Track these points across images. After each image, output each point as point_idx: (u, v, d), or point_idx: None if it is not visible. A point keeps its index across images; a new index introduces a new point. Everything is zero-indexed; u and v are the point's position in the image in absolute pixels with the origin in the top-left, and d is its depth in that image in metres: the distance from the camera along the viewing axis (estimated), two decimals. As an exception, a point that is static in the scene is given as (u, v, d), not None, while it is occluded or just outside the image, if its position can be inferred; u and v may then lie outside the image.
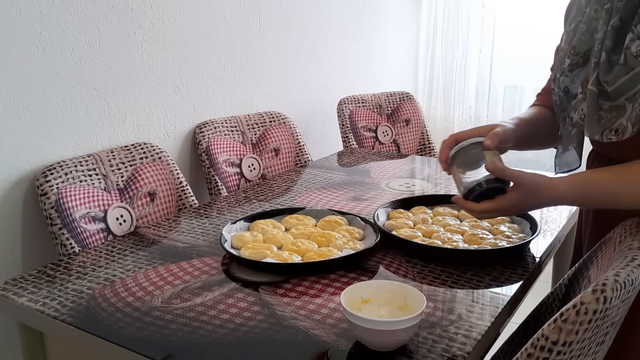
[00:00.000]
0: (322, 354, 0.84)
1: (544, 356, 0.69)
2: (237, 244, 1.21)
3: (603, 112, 0.92)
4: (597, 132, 0.92)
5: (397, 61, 3.12)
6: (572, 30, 1.01)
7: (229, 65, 2.00)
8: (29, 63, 1.39)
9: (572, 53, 0.99)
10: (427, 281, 1.07)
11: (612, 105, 0.91)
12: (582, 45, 0.97)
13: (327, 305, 0.98)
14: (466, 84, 3.17)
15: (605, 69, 0.91)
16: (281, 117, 2.15)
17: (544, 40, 1.27)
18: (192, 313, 0.95)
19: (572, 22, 1.03)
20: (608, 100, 0.91)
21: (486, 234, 1.24)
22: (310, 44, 2.41)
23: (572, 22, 1.03)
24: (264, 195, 1.61)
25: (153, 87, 1.73)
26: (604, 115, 0.91)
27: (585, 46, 0.97)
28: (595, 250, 1.00)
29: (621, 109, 0.90)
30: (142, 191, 1.59)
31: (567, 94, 1.02)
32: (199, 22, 1.85)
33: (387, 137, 2.54)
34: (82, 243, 1.39)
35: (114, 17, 1.58)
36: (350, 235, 1.24)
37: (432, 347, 0.85)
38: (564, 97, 1.03)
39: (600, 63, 0.91)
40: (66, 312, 0.96)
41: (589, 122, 0.94)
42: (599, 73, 0.92)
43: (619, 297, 0.69)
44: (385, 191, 1.64)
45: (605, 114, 0.91)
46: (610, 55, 0.91)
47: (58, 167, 1.43)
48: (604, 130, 0.91)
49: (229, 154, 1.93)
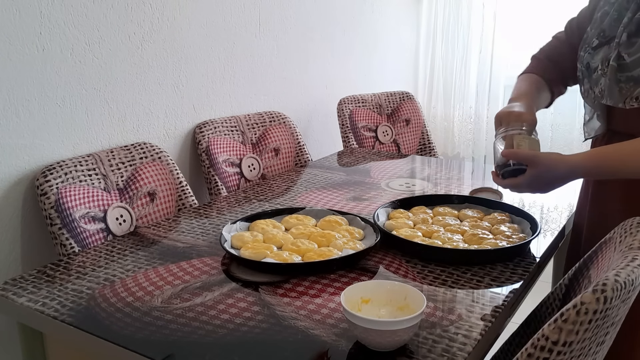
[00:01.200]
0: (322, 354, 0.84)
1: (544, 356, 0.68)
2: (237, 244, 1.20)
3: (622, 84, 1.05)
4: (620, 100, 1.05)
5: (397, 61, 3.12)
6: (598, 17, 1.15)
7: (229, 65, 2.00)
8: (29, 63, 1.39)
9: (601, 35, 1.12)
10: (427, 281, 1.07)
11: (629, 76, 1.04)
12: (611, 29, 1.09)
13: (327, 305, 0.98)
14: (466, 84, 3.17)
15: (626, 45, 1.04)
16: (281, 117, 2.15)
17: (544, 40, 1.28)
18: (192, 313, 0.95)
19: (599, 10, 1.16)
20: (626, 71, 1.04)
21: (486, 234, 1.23)
22: (311, 44, 2.40)
23: (599, 10, 1.16)
24: (264, 195, 1.61)
25: (153, 87, 1.73)
26: (624, 86, 1.04)
27: (614, 31, 1.09)
28: (595, 250, 1.00)
29: (637, 80, 1.03)
30: (142, 191, 1.59)
31: (588, 68, 1.14)
32: (199, 22, 1.85)
33: (387, 137, 2.54)
34: (82, 243, 1.39)
35: (113, 17, 1.58)
36: (350, 235, 1.24)
37: (432, 347, 0.85)
38: (585, 72, 1.16)
39: (620, 42, 1.05)
40: (66, 312, 0.96)
41: (611, 93, 1.07)
42: (620, 50, 1.05)
43: (619, 297, 0.69)
44: (385, 191, 1.64)
45: (624, 84, 1.04)
46: (631, 37, 1.04)
47: (58, 167, 1.43)
48: (626, 98, 1.04)
49: (228, 154, 1.93)
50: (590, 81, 1.14)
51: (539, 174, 1.05)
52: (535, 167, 1.05)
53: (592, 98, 1.15)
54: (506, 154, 1.09)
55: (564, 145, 2.94)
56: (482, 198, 1.43)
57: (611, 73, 1.06)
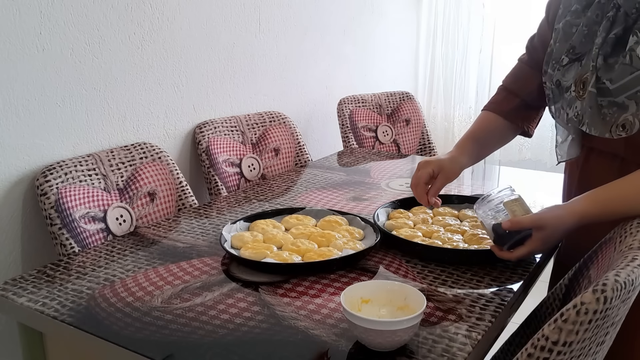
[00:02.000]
0: (322, 354, 0.84)
1: (544, 356, 0.68)
2: (237, 244, 1.20)
3: (605, 110, 0.98)
4: (605, 130, 0.98)
5: (397, 61, 3.12)
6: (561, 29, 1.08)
7: (229, 65, 2.00)
8: (29, 63, 1.39)
9: (571, 52, 1.05)
10: (427, 281, 1.07)
11: (612, 101, 0.97)
12: (582, 46, 1.03)
13: (327, 305, 0.98)
14: (466, 84, 3.17)
15: (605, 70, 0.97)
16: (281, 117, 2.15)
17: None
18: (192, 313, 0.95)
19: (560, 21, 1.09)
20: (608, 96, 0.97)
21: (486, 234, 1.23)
22: (310, 44, 2.40)
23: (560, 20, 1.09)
24: (264, 195, 1.61)
25: (153, 87, 1.73)
26: (606, 112, 0.98)
27: (585, 48, 1.02)
28: (595, 250, 1.00)
29: (621, 106, 0.96)
30: (142, 191, 1.59)
31: (559, 86, 1.08)
32: (199, 22, 1.85)
33: (387, 137, 2.54)
34: (82, 243, 1.39)
35: (113, 17, 1.58)
36: (350, 235, 1.24)
37: (432, 347, 0.85)
38: (556, 90, 1.09)
39: (597, 66, 0.98)
40: (66, 312, 0.96)
41: (593, 121, 0.99)
42: (598, 74, 0.97)
43: (619, 297, 0.69)
44: (385, 191, 1.64)
45: (607, 110, 0.98)
46: (607, 59, 0.98)
47: (58, 167, 1.43)
48: (611, 126, 0.97)
49: (228, 154, 1.93)
50: (562, 101, 1.08)
51: (550, 234, 1.00)
52: (543, 229, 1.00)
53: (564, 119, 1.09)
54: (509, 226, 1.02)
55: (564, 145, 2.93)
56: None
57: (590, 99, 0.99)
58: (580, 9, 1.05)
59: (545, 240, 1.01)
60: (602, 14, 1.00)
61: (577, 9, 1.05)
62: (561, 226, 0.99)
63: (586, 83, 1.00)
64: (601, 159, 1.09)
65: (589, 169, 1.12)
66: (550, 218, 1.00)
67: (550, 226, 0.99)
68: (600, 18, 1.00)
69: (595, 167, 1.11)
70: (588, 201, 0.99)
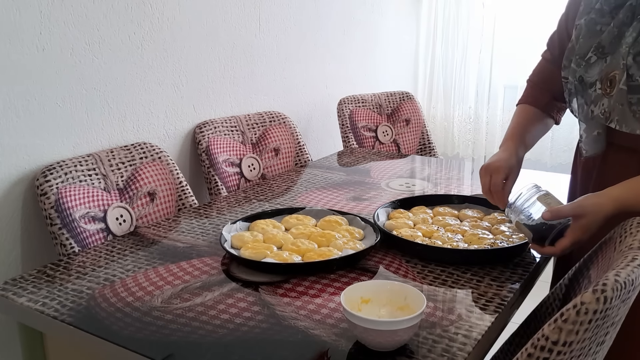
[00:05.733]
0: (322, 354, 0.84)
1: (544, 356, 0.68)
2: (237, 244, 1.20)
3: (634, 107, 1.01)
4: (637, 127, 1.01)
5: (397, 61, 3.12)
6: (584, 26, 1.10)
7: (229, 65, 2.00)
8: (29, 63, 1.39)
9: (599, 51, 1.08)
10: (427, 281, 1.07)
11: None
12: (611, 46, 1.05)
13: (327, 305, 0.98)
14: (466, 84, 3.17)
15: (636, 68, 1.00)
16: (281, 117, 2.15)
17: (544, 40, 1.28)
18: (192, 313, 0.95)
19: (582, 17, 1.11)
20: (638, 93, 1.00)
21: (486, 234, 1.23)
22: (310, 44, 2.40)
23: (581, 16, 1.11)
24: (264, 195, 1.61)
25: (153, 87, 1.73)
26: (636, 109, 1.00)
27: (614, 48, 1.05)
28: (595, 250, 1.00)
29: None
30: (142, 191, 1.59)
31: (582, 82, 1.10)
32: (199, 22, 1.85)
33: (387, 137, 2.54)
34: (82, 243, 1.39)
35: (113, 17, 1.58)
36: (350, 235, 1.24)
37: (432, 347, 0.85)
38: (578, 86, 1.11)
39: (628, 65, 1.01)
40: (66, 312, 0.96)
41: (625, 118, 1.02)
42: (629, 72, 1.01)
43: (619, 297, 0.69)
44: (385, 191, 1.64)
45: (637, 107, 1.00)
46: (636, 58, 1.01)
47: (58, 167, 1.43)
48: None
49: (228, 154, 1.93)
50: (585, 96, 1.10)
51: (590, 221, 0.99)
52: (583, 217, 0.99)
53: (588, 115, 1.10)
54: (550, 216, 1.02)
55: (564, 145, 2.94)
56: (482, 198, 1.43)
57: (621, 96, 1.01)
58: (607, 10, 1.07)
59: (586, 228, 1.00)
60: (632, 15, 1.03)
61: (602, 9, 1.08)
62: (600, 213, 0.99)
63: (613, 81, 1.03)
64: (621, 154, 1.10)
65: (608, 164, 1.13)
66: (589, 205, 0.99)
67: (589, 213, 0.99)
68: (631, 20, 1.03)
69: (614, 162, 1.12)
70: (625, 188, 1.00)
